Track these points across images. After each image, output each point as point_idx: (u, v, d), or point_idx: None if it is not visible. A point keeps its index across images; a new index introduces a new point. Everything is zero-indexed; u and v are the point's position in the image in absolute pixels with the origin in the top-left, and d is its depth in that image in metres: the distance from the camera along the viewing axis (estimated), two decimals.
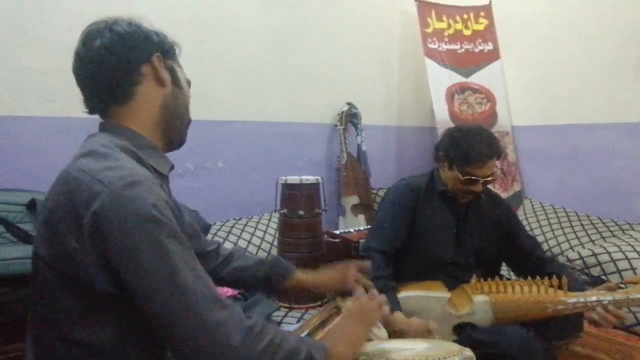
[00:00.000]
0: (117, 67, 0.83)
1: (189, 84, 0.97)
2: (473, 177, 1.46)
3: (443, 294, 1.38)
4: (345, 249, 2.06)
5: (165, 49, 0.90)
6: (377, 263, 1.48)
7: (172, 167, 0.92)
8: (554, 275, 1.28)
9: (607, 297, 1.23)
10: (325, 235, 2.15)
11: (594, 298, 1.23)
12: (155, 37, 0.88)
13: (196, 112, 0.98)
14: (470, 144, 1.46)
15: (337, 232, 2.30)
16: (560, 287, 1.24)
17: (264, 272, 1.16)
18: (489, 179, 1.49)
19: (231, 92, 2.60)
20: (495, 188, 3.09)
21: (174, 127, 0.91)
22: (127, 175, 0.70)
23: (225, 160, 2.60)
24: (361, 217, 2.91)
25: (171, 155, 0.94)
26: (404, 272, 1.53)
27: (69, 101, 1.99)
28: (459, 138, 1.50)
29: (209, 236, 2.20)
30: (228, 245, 2.20)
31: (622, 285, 1.36)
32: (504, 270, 1.79)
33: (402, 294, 1.41)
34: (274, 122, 2.78)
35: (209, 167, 2.54)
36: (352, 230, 2.35)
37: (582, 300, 1.22)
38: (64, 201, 0.71)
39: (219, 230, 2.32)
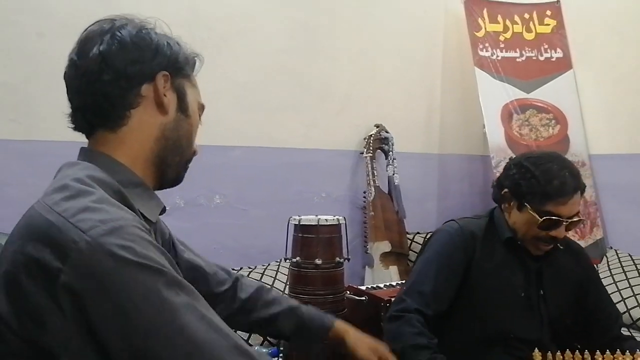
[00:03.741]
0: (112, 83, 0.85)
1: (201, 109, 1.00)
2: (555, 218, 1.42)
3: None
4: (374, 310, 2.03)
5: (177, 66, 0.92)
6: (417, 328, 1.43)
7: (162, 211, 0.95)
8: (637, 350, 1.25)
9: None
10: (348, 292, 2.13)
11: None
12: (167, 49, 0.90)
13: (196, 143, 1.02)
14: (550, 175, 1.42)
15: (363, 287, 2.27)
16: None
17: (290, 329, 1.17)
18: (575, 219, 1.45)
19: (233, 110, 2.66)
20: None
21: (171, 164, 0.94)
22: (108, 219, 0.72)
23: (223, 195, 2.63)
24: (393, 269, 2.88)
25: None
26: (444, 347, 1.47)
27: (35, 121, 2.04)
28: (532, 168, 1.46)
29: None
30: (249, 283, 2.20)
31: None
32: None
33: None
34: (285, 148, 2.82)
35: (203, 203, 2.57)
36: (381, 285, 2.33)
37: None
38: (31, 249, 0.71)
39: None
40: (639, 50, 2.93)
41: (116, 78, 0.85)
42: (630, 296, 2.57)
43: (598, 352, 1.21)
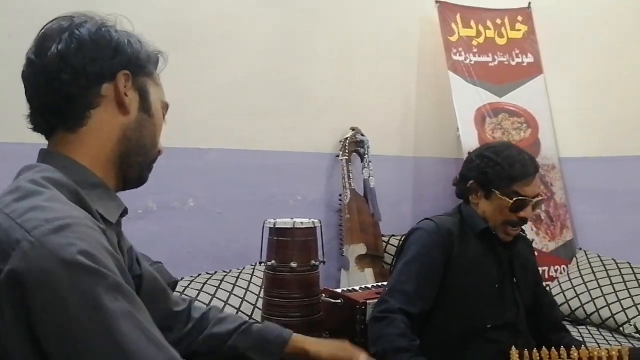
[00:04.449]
0: (71, 82, 0.83)
1: (165, 107, 0.98)
2: (523, 197, 1.51)
3: None
4: (349, 312, 2.03)
5: (139, 64, 0.90)
6: (402, 328, 1.44)
7: (124, 212, 0.93)
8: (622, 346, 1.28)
9: None
10: (324, 295, 2.13)
11: None
12: (127, 47, 0.88)
13: (162, 137, 1.00)
14: (511, 159, 1.54)
15: (339, 290, 2.28)
16: (620, 357, 1.25)
17: (245, 345, 1.14)
18: (539, 198, 1.57)
19: (208, 112, 2.65)
20: (540, 236, 3.10)
21: (133, 164, 0.91)
22: (55, 217, 0.70)
23: (197, 198, 2.61)
24: (368, 272, 2.89)
25: (129, 191, 0.95)
26: (425, 346, 1.49)
27: (3, 123, 1.95)
28: (493, 157, 1.56)
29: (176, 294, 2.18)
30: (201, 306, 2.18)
31: None
32: None
33: None
34: (261, 150, 2.82)
35: (176, 206, 2.55)
36: (357, 288, 2.34)
37: None
38: None
39: (187, 286, 2.31)
40: (607, 55, 3.01)
41: (75, 77, 0.83)
42: (599, 296, 2.63)
43: (573, 348, 1.24)
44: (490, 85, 3.24)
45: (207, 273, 2.48)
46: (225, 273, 2.49)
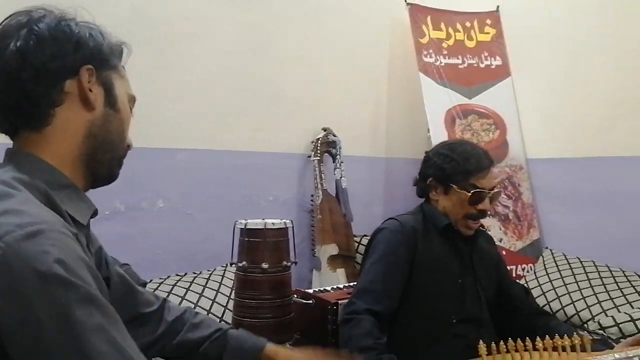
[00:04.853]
0: (33, 81, 0.80)
1: (132, 100, 0.96)
2: (480, 190, 1.57)
3: None
4: (321, 313, 2.03)
5: (102, 58, 0.87)
6: (367, 328, 1.47)
7: (94, 214, 0.91)
8: (574, 334, 1.32)
9: (637, 352, 1.29)
10: (295, 295, 2.12)
11: (623, 354, 1.28)
12: (89, 41, 0.86)
13: (130, 133, 0.98)
14: (466, 154, 1.61)
15: (310, 290, 2.28)
16: (582, 346, 1.28)
17: (218, 354, 1.12)
18: (496, 191, 1.63)
19: (178, 112, 2.62)
20: (508, 236, 3.16)
21: (102, 161, 0.89)
22: (27, 222, 0.68)
23: (166, 199, 2.58)
24: (340, 272, 2.90)
25: (95, 192, 0.93)
26: (395, 345, 1.52)
27: None
28: (449, 153, 1.64)
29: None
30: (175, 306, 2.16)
31: None
32: None
33: None
34: (232, 151, 2.80)
35: (145, 207, 2.52)
36: (329, 288, 2.34)
37: (610, 358, 1.27)
38: None
39: (156, 289, 2.28)
40: (572, 59, 3.09)
41: (36, 75, 0.80)
42: (565, 294, 2.70)
43: (538, 338, 1.26)
44: (460, 87, 3.29)
45: (177, 275, 2.45)
46: (195, 275, 2.48)
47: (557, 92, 3.18)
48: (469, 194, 1.57)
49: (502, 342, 1.24)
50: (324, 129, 3.06)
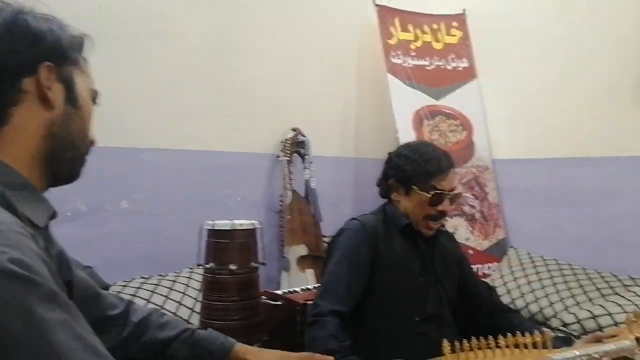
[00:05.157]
0: None
1: (95, 95, 0.93)
2: (440, 191, 1.60)
3: None
4: (289, 314, 2.03)
5: (62, 53, 0.84)
6: (332, 331, 1.47)
7: (53, 216, 0.88)
8: (536, 331, 1.35)
9: (596, 349, 1.32)
10: (264, 297, 2.12)
11: (583, 351, 1.31)
12: (49, 36, 0.82)
13: (94, 129, 0.96)
14: (427, 156, 1.63)
15: (279, 292, 2.27)
16: (543, 343, 1.31)
17: (185, 354, 1.10)
18: (456, 192, 1.66)
19: (143, 111, 2.58)
20: (474, 235, 3.22)
21: (63, 161, 0.87)
22: None
23: (131, 199, 2.54)
24: (310, 273, 2.90)
25: (57, 192, 0.91)
26: (360, 340, 1.54)
27: None
28: (411, 155, 1.66)
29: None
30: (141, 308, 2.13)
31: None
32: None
33: None
34: (198, 151, 2.78)
35: (108, 208, 2.48)
36: (298, 289, 2.34)
37: (570, 355, 1.29)
38: None
39: (120, 292, 2.24)
40: (537, 62, 3.17)
41: None
42: (529, 292, 2.76)
43: (501, 337, 1.29)
44: (427, 88, 3.33)
45: (142, 277, 2.42)
46: (161, 277, 2.45)
47: (522, 94, 3.25)
48: (429, 195, 1.60)
49: (465, 341, 1.26)
50: (293, 129, 3.06)
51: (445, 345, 1.24)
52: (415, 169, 1.62)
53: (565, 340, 1.57)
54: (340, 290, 1.56)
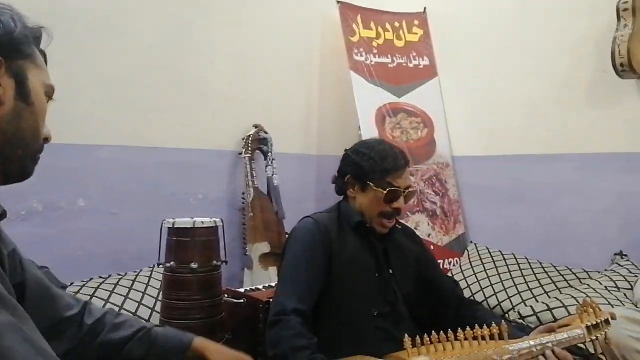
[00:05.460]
0: None
1: (51, 90, 0.90)
2: (396, 188, 1.63)
3: None
4: (252, 312, 2.03)
5: (13, 47, 0.82)
6: (297, 329, 1.48)
7: (2, 216, 0.86)
8: (493, 323, 1.39)
9: (549, 338, 1.39)
10: (226, 295, 2.11)
11: (537, 341, 1.38)
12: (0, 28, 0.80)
13: (49, 129, 0.93)
14: (384, 153, 1.66)
15: (242, 289, 2.27)
16: (500, 334, 1.36)
17: (142, 353, 1.09)
18: (411, 189, 1.68)
19: (99, 107, 2.53)
20: (435, 231, 3.28)
21: (13, 158, 0.84)
22: None
23: (88, 197, 2.49)
24: (272, 270, 2.90)
25: (11, 190, 0.88)
26: (320, 338, 1.54)
27: None
28: (368, 152, 1.68)
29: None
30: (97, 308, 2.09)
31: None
32: None
33: None
34: (158, 147, 2.74)
35: (64, 206, 2.42)
36: (260, 287, 2.34)
37: (525, 345, 1.36)
38: None
39: (77, 292, 2.21)
40: (495, 61, 3.25)
41: None
42: (488, 286, 2.84)
43: (460, 330, 1.32)
44: (389, 85, 3.37)
45: (100, 277, 2.38)
46: (120, 276, 2.41)
47: (480, 92, 3.33)
48: (385, 192, 1.62)
49: (425, 335, 1.29)
50: (255, 126, 3.05)
51: (406, 340, 1.26)
52: (371, 166, 1.64)
53: (522, 329, 1.62)
54: (299, 289, 1.57)
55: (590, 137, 2.86)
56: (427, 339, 1.29)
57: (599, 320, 1.46)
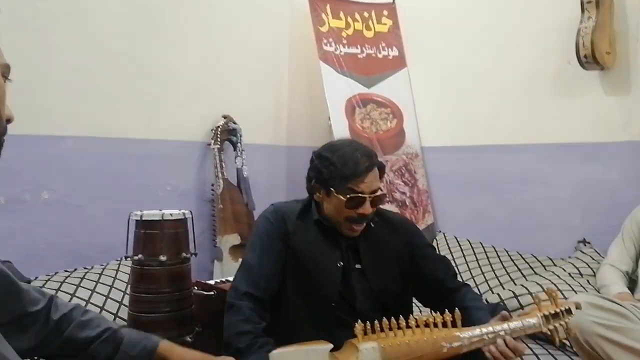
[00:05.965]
0: None
1: (7, 69, 0.87)
2: (358, 195, 1.57)
3: (323, 345, 1.41)
4: (222, 304, 2.02)
5: None
6: (246, 315, 1.50)
7: None
8: (446, 310, 1.40)
9: (502, 327, 1.39)
10: (196, 287, 2.10)
11: (490, 329, 1.38)
12: None
13: (10, 110, 0.90)
14: (344, 158, 1.59)
15: (212, 282, 2.26)
16: (454, 322, 1.37)
17: (106, 355, 1.09)
18: (378, 193, 1.61)
19: (64, 97, 2.49)
20: None
21: None
22: None
23: (52, 190, 2.45)
24: None
25: None
26: (280, 324, 1.57)
27: None
28: (329, 156, 1.62)
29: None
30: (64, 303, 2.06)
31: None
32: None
33: (273, 351, 1.42)
34: (125, 138, 2.70)
35: (28, 199, 2.38)
36: (230, 279, 2.34)
37: (477, 333, 1.36)
38: None
39: (42, 286, 2.16)
40: (463, 52, 3.29)
41: None
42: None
43: (411, 316, 1.34)
44: (359, 76, 3.39)
45: (66, 271, 2.35)
46: (86, 270, 2.39)
47: (448, 82, 3.37)
48: (345, 199, 1.57)
49: (376, 322, 1.31)
50: (224, 117, 3.03)
51: (358, 326, 1.28)
52: (331, 172, 1.59)
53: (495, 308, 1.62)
54: (252, 273, 1.59)
55: (555, 127, 2.93)
56: (378, 325, 1.31)
57: (558, 310, 1.45)
